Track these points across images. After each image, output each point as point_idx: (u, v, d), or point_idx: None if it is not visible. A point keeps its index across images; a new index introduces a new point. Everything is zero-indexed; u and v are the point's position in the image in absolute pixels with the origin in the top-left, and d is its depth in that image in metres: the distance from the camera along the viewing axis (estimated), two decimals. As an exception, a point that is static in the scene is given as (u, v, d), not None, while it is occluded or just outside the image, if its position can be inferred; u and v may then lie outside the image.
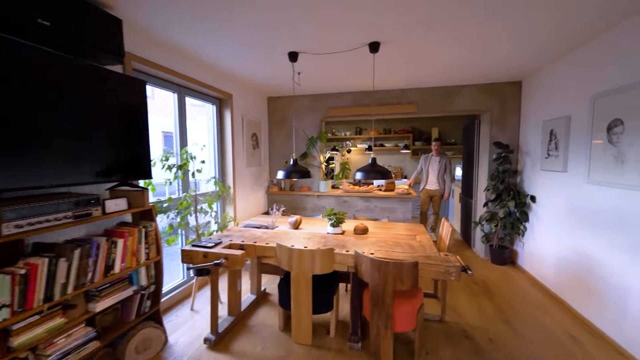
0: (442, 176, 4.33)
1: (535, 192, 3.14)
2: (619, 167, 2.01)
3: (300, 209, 4.27)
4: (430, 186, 4.41)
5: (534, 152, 3.16)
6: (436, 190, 4.39)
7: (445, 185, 4.35)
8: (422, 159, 4.54)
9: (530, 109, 3.27)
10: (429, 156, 4.47)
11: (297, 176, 2.45)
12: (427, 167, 4.41)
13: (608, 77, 2.14)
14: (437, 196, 4.41)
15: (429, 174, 4.40)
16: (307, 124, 4.25)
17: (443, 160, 4.34)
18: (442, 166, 4.32)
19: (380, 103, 3.95)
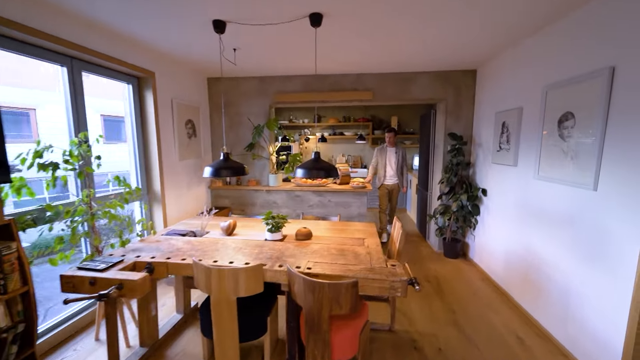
0: (400, 168, 4.02)
1: (486, 185, 3.08)
2: (569, 164, 1.91)
3: (249, 205, 3.86)
4: (389, 180, 4.04)
5: (487, 145, 3.07)
6: (395, 185, 4.06)
7: (404, 178, 4.07)
8: (377, 151, 4.11)
9: (484, 99, 3.16)
10: (384, 147, 4.07)
11: (228, 173, 2.04)
12: (385, 160, 4.03)
13: (561, 68, 2.01)
14: (396, 190, 4.10)
15: (387, 167, 4.02)
16: (255, 110, 3.79)
17: (400, 151, 4.02)
18: (399, 158, 4.00)
19: (334, 88, 3.60)
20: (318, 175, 1.94)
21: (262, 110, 3.77)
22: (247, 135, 3.80)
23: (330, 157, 6.60)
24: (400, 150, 4.03)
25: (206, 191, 3.83)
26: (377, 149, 4.13)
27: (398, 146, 4.05)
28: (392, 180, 4.04)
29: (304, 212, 3.75)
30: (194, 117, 3.46)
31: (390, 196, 4.12)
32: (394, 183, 4.05)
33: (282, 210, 3.80)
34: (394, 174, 4.01)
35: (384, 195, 4.10)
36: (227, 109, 3.82)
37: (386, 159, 4.02)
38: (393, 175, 4.02)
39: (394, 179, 4.03)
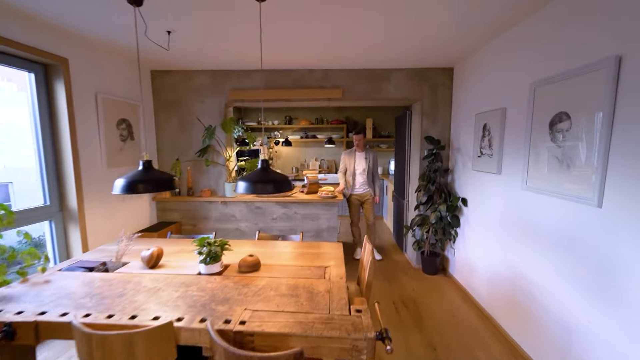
0: (370, 175, 3.52)
1: (467, 194, 2.79)
2: (564, 173, 1.62)
3: (202, 219, 3.33)
4: (359, 189, 3.51)
5: (466, 150, 2.79)
6: (367, 194, 3.52)
7: (376, 186, 3.57)
8: (344, 156, 3.55)
9: (462, 99, 2.88)
10: (352, 152, 3.53)
11: (147, 188, 1.53)
12: (353, 165, 3.50)
13: (552, 60, 1.73)
14: (369, 200, 3.54)
15: (356, 174, 3.49)
16: (208, 109, 3.28)
17: (370, 155, 3.49)
18: (369, 163, 3.49)
19: (299, 85, 3.19)
20: (264, 191, 1.50)
21: (217, 109, 3.27)
22: (201, 138, 3.27)
23: (303, 161, 6.18)
24: (370, 154, 3.52)
25: (150, 204, 3.25)
26: (344, 153, 3.59)
27: (368, 150, 3.55)
28: (363, 188, 3.53)
29: (266, 227, 3.28)
30: (131, 116, 2.90)
31: (363, 208, 3.62)
32: (364, 192, 3.53)
33: (241, 225, 3.31)
34: (364, 182, 3.51)
35: (355, 206, 3.60)
36: (177, 107, 3.28)
37: (355, 165, 3.51)
38: (363, 183, 3.51)
39: (365, 187, 3.52)
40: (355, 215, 3.65)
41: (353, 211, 3.63)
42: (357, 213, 3.64)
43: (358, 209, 3.63)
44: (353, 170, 3.51)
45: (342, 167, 3.61)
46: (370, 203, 3.56)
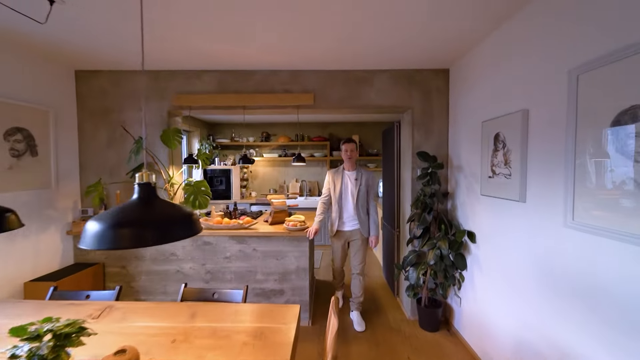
0: (364, 205, 2.51)
1: (474, 226, 2.12)
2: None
3: (133, 258, 2.56)
4: (347, 225, 2.51)
5: (471, 169, 2.16)
6: (356, 232, 2.50)
7: (371, 221, 2.51)
8: (329, 176, 2.57)
9: (463, 105, 2.30)
10: (339, 171, 2.55)
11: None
12: (339, 189, 2.49)
13: (607, 32, 1.14)
14: (359, 241, 2.50)
15: (342, 202, 2.49)
16: (147, 118, 2.61)
17: (363, 176, 2.49)
18: (362, 187, 2.47)
19: (260, 89, 2.57)
20: (138, 241, 0.79)
21: (158, 118, 2.61)
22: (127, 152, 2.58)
23: (282, 182, 5.50)
24: (363, 175, 2.50)
25: (62, 240, 2.48)
26: (329, 173, 2.59)
27: (360, 169, 2.54)
28: (352, 224, 2.50)
29: (216, 269, 2.53)
30: (33, 126, 2.20)
31: (350, 250, 2.59)
32: (354, 229, 2.50)
33: (184, 266, 2.55)
34: (354, 213, 2.47)
35: (340, 247, 2.58)
36: (106, 116, 2.61)
37: (341, 189, 2.49)
38: (352, 216, 2.48)
39: (354, 221, 2.49)
40: (339, 260, 2.68)
41: (337, 253, 2.65)
42: (343, 257, 2.66)
43: (344, 251, 2.64)
44: (339, 195, 2.50)
45: (324, 191, 2.60)
46: (360, 246, 2.52)
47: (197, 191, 2.31)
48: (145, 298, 2.57)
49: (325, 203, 2.59)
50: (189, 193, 2.29)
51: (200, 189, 2.33)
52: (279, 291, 2.53)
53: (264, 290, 2.53)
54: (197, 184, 2.33)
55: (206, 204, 2.34)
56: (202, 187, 2.34)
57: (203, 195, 2.33)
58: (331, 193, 2.57)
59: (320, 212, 2.56)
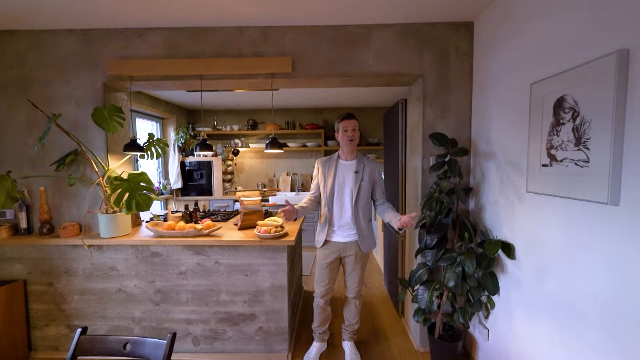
0: (366, 208, 1.82)
1: (512, 236, 1.51)
2: None
3: (62, 273, 1.99)
4: (339, 233, 1.82)
5: (508, 154, 1.54)
6: (352, 245, 1.82)
7: (388, 208, 1.82)
8: (318, 167, 1.90)
9: (495, 67, 1.66)
10: (332, 160, 1.86)
11: None
12: (332, 184, 1.80)
13: None
14: (356, 257, 1.83)
15: (335, 202, 1.80)
16: (77, 92, 2.01)
17: (366, 168, 1.80)
18: (364, 183, 1.78)
19: (222, 53, 1.95)
20: None
21: (91, 92, 2.00)
22: (62, 140, 1.98)
23: (272, 176, 4.90)
24: (368, 166, 1.81)
25: (-34, 251, 1.91)
26: (318, 163, 1.90)
27: (364, 158, 1.85)
28: (348, 233, 1.81)
29: (168, 287, 1.95)
30: None
31: (345, 270, 1.90)
32: (350, 241, 1.82)
33: (127, 284, 1.97)
34: (351, 220, 1.78)
35: (326, 268, 1.85)
36: (25, 90, 2.01)
37: (333, 185, 1.79)
38: (349, 223, 1.79)
39: (351, 230, 1.80)
40: (324, 282, 1.87)
41: (321, 275, 1.88)
42: (330, 280, 1.88)
43: (332, 272, 1.87)
44: (331, 193, 1.79)
45: (313, 186, 1.91)
46: (356, 263, 1.84)
47: (133, 188, 1.71)
48: (79, 324, 2.01)
49: (313, 201, 1.90)
50: (122, 190, 1.68)
51: (138, 184, 1.73)
52: (249, 316, 1.95)
53: (230, 315, 1.96)
54: (134, 178, 1.73)
55: (148, 204, 1.75)
56: (142, 182, 1.75)
57: (143, 193, 1.73)
58: (320, 190, 1.87)
59: (305, 201, 1.88)
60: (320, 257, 1.89)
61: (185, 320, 1.98)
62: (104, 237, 1.90)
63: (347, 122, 1.77)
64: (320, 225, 1.89)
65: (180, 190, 4.35)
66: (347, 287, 1.95)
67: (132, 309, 1.99)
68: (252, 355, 1.96)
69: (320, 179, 1.87)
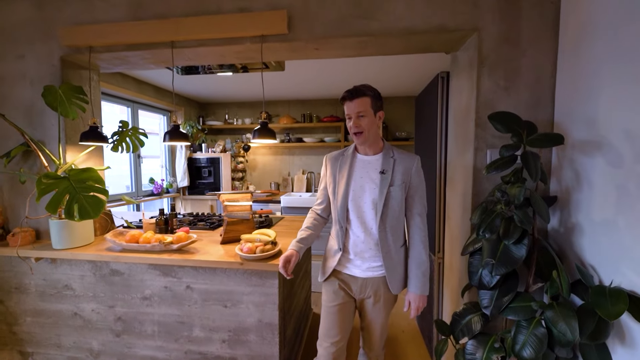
0: (398, 226, 1.21)
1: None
2: None
3: (12, 291, 1.65)
4: (357, 263, 1.22)
5: (634, 145, 0.89)
6: (376, 282, 1.22)
7: (413, 260, 1.21)
8: (327, 166, 1.30)
9: (603, 6, 1.01)
10: (348, 154, 1.26)
11: None
12: (343, 191, 1.21)
13: None
14: (381, 301, 1.23)
15: (350, 214, 1.21)
16: (32, 68, 1.65)
17: (398, 164, 1.19)
18: (395, 188, 1.17)
19: (198, 11, 1.47)
20: None
21: (46, 68, 1.63)
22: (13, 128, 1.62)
23: (286, 175, 4.44)
24: (400, 160, 1.20)
25: None
26: (327, 158, 1.32)
27: (393, 150, 1.24)
28: (369, 264, 1.21)
29: (131, 315, 1.53)
30: None
31: (362, 313, 1.30)
32: (373, 277, 1.22)
33: (84, 307, 1.58)
34: (376, 243, 1.19)
35: (336, 310, 1.23)
36: (-20, 69, 1.69)
37: (347, 191, 1.21)
38: (372, 247, 1.20)
39: (374, 260, 1.21)
40: (333, 335, 1.23)
41: (330, 320, 1.25)
42: (342, 329, 1.25)
43: (346, 318, 1.26)
44: (343, 202, 1.21)
45: (319, 192, 1.35)
46: (382, 309, 1.26)
47: (74, 188, 1.28)
48: (32, 351, 1.66)
49: (320, 215, 1.35)
50: (59, 191, 1.26)
51: (83, 183, 1.30)
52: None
53: (206, 357, 1.49)
54: (77, 176, 1.31)
55: (97, 210, 1.32)
56: (88, 182, 1.32)
57: (89, 195, 1.30)
58: (330, 197, 1.29)
59: (306, 226, 1.31)
60: (328, 296, 1.27)
61: (150, 358, 1.54)
62: (56, 249, 1.52)
63: (348, 105, 1.17)
64: (329, 250, 1.31)
65: (187, 189, 4.03)
66: (363, 339, 1.37)
67: (90, 338, 1.59)
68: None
69: (329, 182, 1.28)
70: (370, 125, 1.17)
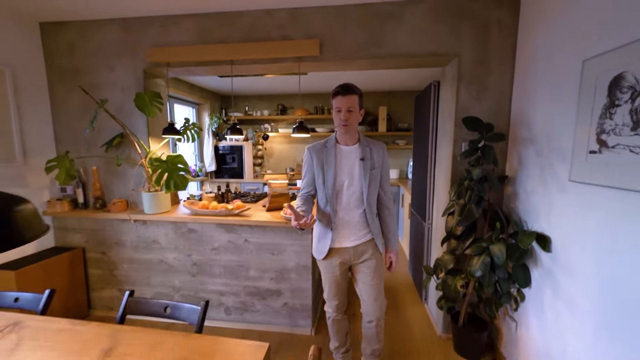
0: (372, 202, 1.47)
1: (549, 228, 1.42)
2: None
3: (113, 244, 2.24)
4: (347, 237, 1.46)
5: (552, 141, 1.41)
6: (365, 247, 1.47)
7: (390, 232, 1.54)
8: (310, 157, 1.47)
9: (543, 42, 1.51)
10: (329, 146, 1.45)
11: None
12: (332, 179, 1.42)
13: None
14: (372, 262, 1.48)
15: (340, 199, 1.44)
16: (121, 78, 2.17)
17: (374, 152, 1.44)
18: (374, 172, 1.43)
19: (251, 37, 1.97)
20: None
21: (133, 79, 2.15)
22: (111, 123, 2.16)
23: (300, 161, 4.97)
24: (374, 149, 1.45)
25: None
26: (308, 151, 1.48)
27: (367, 140, 1.48)
28: (358, 235, 1.47)
29: (203, 260, 2.12)
30: (-14, 87, 1.86)
31: (356, 277, 1.55)
32: (361, 243, 1.47)
33: (167, 256, 2.17)
34: (361, 219, 1.46)
35: (337, 277, 1.52)
36: (77, 77, 2.21)
37: (335, 178, 1.42)
38: (359, 222, 1.46)
39: (362, 231, 1.47)
40: (338, 295, 1.56)
41: (334, 287, 1.54)
42: (344, 288, 1.57)
43: (342, 281, 1.54)
44: (334, 187, 1.42)
45: (304, 183, 1.52)
46: (374, 270, 1.49)
47: (172, 169, 1.84)
48: (129, 288, 2.27)
49: (306, 200, 1.49)
50: (161, 171, 1.83)
51: (176, 166, 1.86)
52: (275, 292, 2.07)
53: (259, 289, 2.09)
54: (172, 160, 1.87)
55: (184, 184, 1.88)
56: (179, 164, 1.88)
57: (180, 174, 1.86)
58: (317, 186, 1.47)
59: (302, 203, 1.44)
60: (327, 269, 1.51)
61: (218, 292, 2.15)
62: (147, 214, 2.10)
63: (341, 99, 1.32)
64: (319, 231, 1.50)
65: (214, 173, 4.59)
66: (365, 308, 1.55)
67: (172, 278, 2.20)
68: (278, 328, 2.09)
69: (316, 171, 1.45)
70: (355, 120, 1.37)
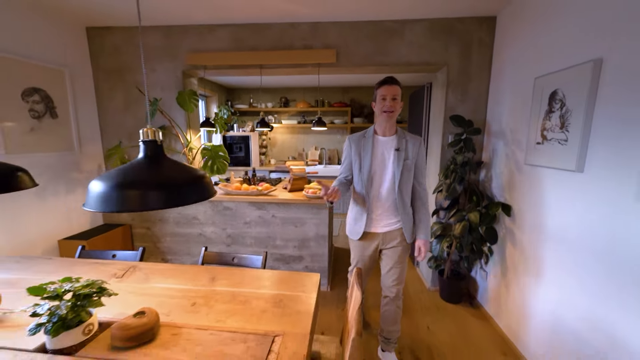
0: (409, 191, 1.58)
1: (511, 199, 1.93)
2: None
3: (157, 221, 2.62)
4: (379, 222, 1.58)
5: (514, 135, 1.91)
6: (395, 234, 1.59)
7: (420, 217, 1.60)
8: (350, 146, 1.60)
9: (510, 60, 1.98)
10: (368, 136, 1.56)
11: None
12: (368, 167, 1.54)
13: None
14: (398, 249, 1.60)
15: (375, 186, 1.56)
16: (162, 78, 2.50)
17: (409, 144, 1.53)
18: (408, 162, 1.53)
19: (278, 46, 2.35)
20: (142, 204, 0.71)
21: (172, 79, 2.49)
22: (155, 117, 2.51)
23: (301, 150, 5.38)
24: (410, 141, 1.54)
25: (90, 201, 2.56)
26: (349, 140, 1.60)
27: (404, 133, 1.56)
28: (389, 222, 1.58)
29: (237, 233, 2.54)
30: (51, 87, 2.17)
31: (382, 258, 1.67)
32: (392, 230, 1.58)
33: (205, 230, 2.58)
34: (393, 206, 1.56)
35: (363, 257, 1.65)
36: (122, 76, 2.52)
37: (371, 167, 1.54)
38: (391, 209, 1.56)
39: (393, 218, 1.57)
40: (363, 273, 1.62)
41: (359, 262, 1.68)
42: (366, 268, 1.68)
43: (369, 262, 1.67)
44: (369, 174, 1.54)
45: (342, 168, 1.64)
46: (399, 257, 1.60)
47: (215, 156, 2.24)
48: (170, 258, 2.67)
49: (345, 184, 1.60)
50: (207, 157, 2.23)
51: (218, 153, 2.26)
52: (297, 257, 2.53)
53: (283, 255, 2.54)
54: (215, 149, 2.26)
55: (224, 169, 2.28)
56: (220, 152, 2.27)
57: (221, 160, 2.26)
58: (354, 172, 1.58)
59: (338, 184, 1.55)
60: (357, 248, 1.64)
61: (249, 259, 2.58)
62: (188, 194, 2.48)
63: (387, 88, 1.43)
64: (355, 213, 1.62)
65: (222, 161, 4.93)
66: (384, 286, 1.66)
67: (210, 248, 2.61)
68: (299, 287, 2.57)
69: (354, 158, 1.56)
70: (399, 108, 1.48)
